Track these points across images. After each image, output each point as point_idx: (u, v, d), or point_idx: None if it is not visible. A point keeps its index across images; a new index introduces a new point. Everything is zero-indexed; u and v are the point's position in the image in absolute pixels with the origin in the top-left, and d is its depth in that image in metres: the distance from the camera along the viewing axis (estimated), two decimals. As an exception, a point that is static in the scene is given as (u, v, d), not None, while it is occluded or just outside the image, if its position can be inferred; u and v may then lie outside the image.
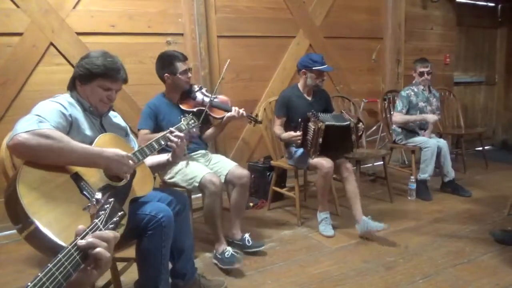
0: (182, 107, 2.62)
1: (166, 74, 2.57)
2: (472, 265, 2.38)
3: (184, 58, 2.60)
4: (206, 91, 2.74)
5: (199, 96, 2.68)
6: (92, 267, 0.84)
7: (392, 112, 3.95)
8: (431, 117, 3.67)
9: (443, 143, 3.66)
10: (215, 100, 2.68)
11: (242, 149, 3.99)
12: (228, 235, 2.61)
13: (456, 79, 5.46)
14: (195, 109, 2.60)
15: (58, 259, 0.77)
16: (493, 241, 2.65)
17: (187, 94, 2.66)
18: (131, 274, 1.98)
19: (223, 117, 2.67)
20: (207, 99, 2.65)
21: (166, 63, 2.57)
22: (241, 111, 2.65)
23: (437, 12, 5.00)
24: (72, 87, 1.73)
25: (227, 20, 3.76)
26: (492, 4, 5.76)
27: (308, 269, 2.38)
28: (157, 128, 2.50)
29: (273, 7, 3.98)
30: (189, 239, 2.04)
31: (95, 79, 1.68)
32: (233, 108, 2.65)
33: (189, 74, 2.62)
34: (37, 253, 1.37)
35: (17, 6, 2.93)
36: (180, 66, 2.56)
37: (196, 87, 2.71)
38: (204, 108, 2.59)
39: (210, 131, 2.79)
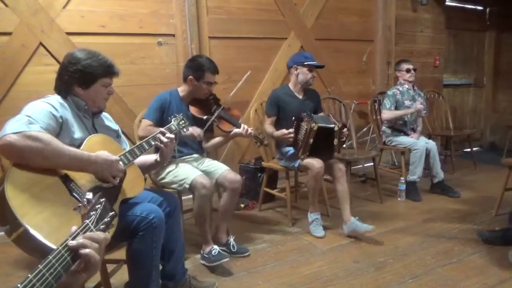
0: (192, 111, 2.58)
1: (190, 77, 2.55)
2: (461, 264, 2.41)
3: (215, 71, 2.58)
4: (220, 101, 2.70)
5: (211, 104, 2.64)
6: (81, 269, 0.84)
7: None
8: (417, 106, 3.73)
9: (432, 144, 3.71)
10: (226, 112, 2.66)
11: (233, 150, 3.99)
12: (213, 238, 2.58)
13: (445, 81, 5.53)
14: (204, 117, 2.56)
15: (48, 260, 0.77)
16: (481, 241, 2.68)
17: (200, 100, 2.63)
18: (121, 276, 1.97)
19: (230, 131, 2.63)
20: (218, 109, 2.61)
21: (196, 67, 2.55)
22: (250, 129, 2.61)
23: (427, 15, 5.06)
24: (64, 91, 1.70)
25: (218, 21, 3.76)
26: (481, 8, 5.84)
27: (299, 269, 2.39)
28: (162, 123, 2.42)
29: (265, 8, 3.99)
30: (180, 240, 2.03)
31: (98, 80, 1.71)
32: (243, 125, 2.61)
33: (212, 87, 2.61)
34: (26, 256, 1.36)
35: (6, 5, 2.90)
36: (208, 76, 2.55)
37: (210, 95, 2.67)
38: (211, 117, 2.56)
39: (212, 141, 2.76)
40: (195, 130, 2.42)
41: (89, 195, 0.99)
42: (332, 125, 2.76)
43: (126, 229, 1.64)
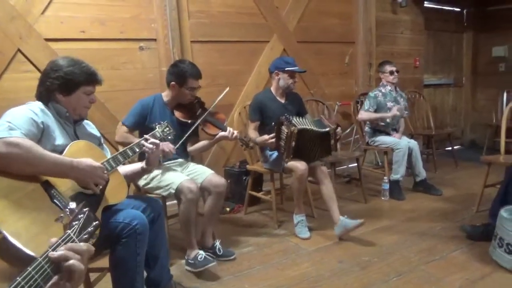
0: (177, 115, 2.57)
1: (173, 83, 2.55)
2: (444, 261, 2.45)
3: (198, 76, 2.57)
4: (204, 104, 2.69)
5: (196, 108, 2.64)
6: (65, 280, 0.81)
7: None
8: (394, 112, 3.74)
9: (414, 144, 3.77)
10: (212, 115, 2.66)
11: (218, 154, 3.99)
12: (199, 243, 2.57)
13: (426, 81, 5.64)
14: (189, 121, 2.55)
15: (27, 272, 0.74)
16: (463, 237, 2.74)
17: (185, 104, 2.62)
18: (105, 285, 1.93)
19: (215, 134, 2.62)
20: (203, 113, 2.60)
21: (178, 73, 2.54)
22: (235, 132, 2.61)
23: (406, 17, 5.15)
24: (45, 98, 1.69)
25: (200, 25, 3.76)
26: (458, 9, 5.98)
27: (285, 271, 2.40)
28: (145, 129, 2.40)
29: (247, 12, 4.01)
30: (164, 247, 2.02)
31: (79, 87, 1.70)
32: (228, 128, 2.60)
33: (196, 92, 2.60)
34: (6, 269, 1.33)
35: (-18, 12, 2.84)
36: (191, 82, 2.54)
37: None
38: (197, 121, 2.54)
39: (197, 145, 2.75)
40: (167, 146, 2.29)
41: (72, 205, 0.96)
42: (327, 129, 2.79)
43: (109, 236, 1.62)
